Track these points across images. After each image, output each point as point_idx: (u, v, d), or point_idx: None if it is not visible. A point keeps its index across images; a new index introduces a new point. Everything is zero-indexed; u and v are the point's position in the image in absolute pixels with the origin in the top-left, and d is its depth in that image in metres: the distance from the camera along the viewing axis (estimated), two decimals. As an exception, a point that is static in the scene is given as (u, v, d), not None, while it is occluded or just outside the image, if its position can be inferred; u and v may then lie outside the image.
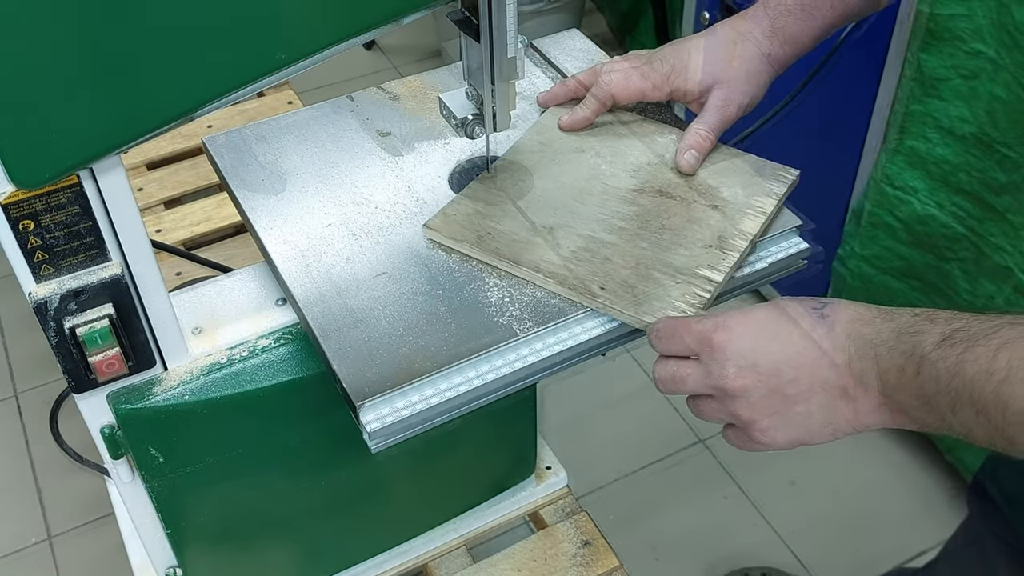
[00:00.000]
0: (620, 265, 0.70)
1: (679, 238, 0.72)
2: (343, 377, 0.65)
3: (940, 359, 0.52)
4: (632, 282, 0.69)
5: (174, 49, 0.55)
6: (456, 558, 0.96)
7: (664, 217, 0.74)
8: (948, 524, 1.45)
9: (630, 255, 0.71)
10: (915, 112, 1.29)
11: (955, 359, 0.51)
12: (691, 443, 1.62)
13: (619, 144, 0.81)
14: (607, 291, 0.68)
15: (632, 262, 0.71)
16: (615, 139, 0.82)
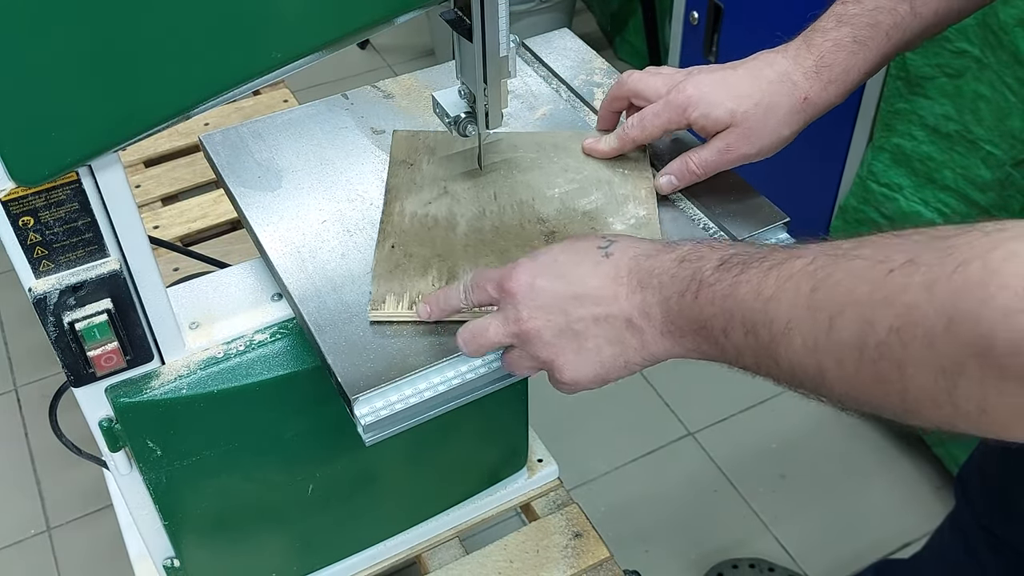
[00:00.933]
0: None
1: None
2: (338, 371, 0.66)
3: (717, 281, 0.53)
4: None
5: (172, 48, 0.55)
6: (449, 549, 0.97)
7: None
8: (934, 516, 1.47)
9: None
10: (901, 110, 1.30)
11: (730, 281, 0.53)
12: (681, 436, 1.63)
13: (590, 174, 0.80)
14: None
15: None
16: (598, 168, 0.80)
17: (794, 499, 1.53)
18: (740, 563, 1.42)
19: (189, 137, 1.36)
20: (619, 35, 2.41)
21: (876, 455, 1.58)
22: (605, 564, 0.93)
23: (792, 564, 1.45)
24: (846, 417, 1.64)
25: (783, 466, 1.58)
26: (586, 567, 0.93)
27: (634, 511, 1.51)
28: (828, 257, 0.49)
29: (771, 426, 1.63)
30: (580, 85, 0.91)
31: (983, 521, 1.05)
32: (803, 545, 1.47)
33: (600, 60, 0.94)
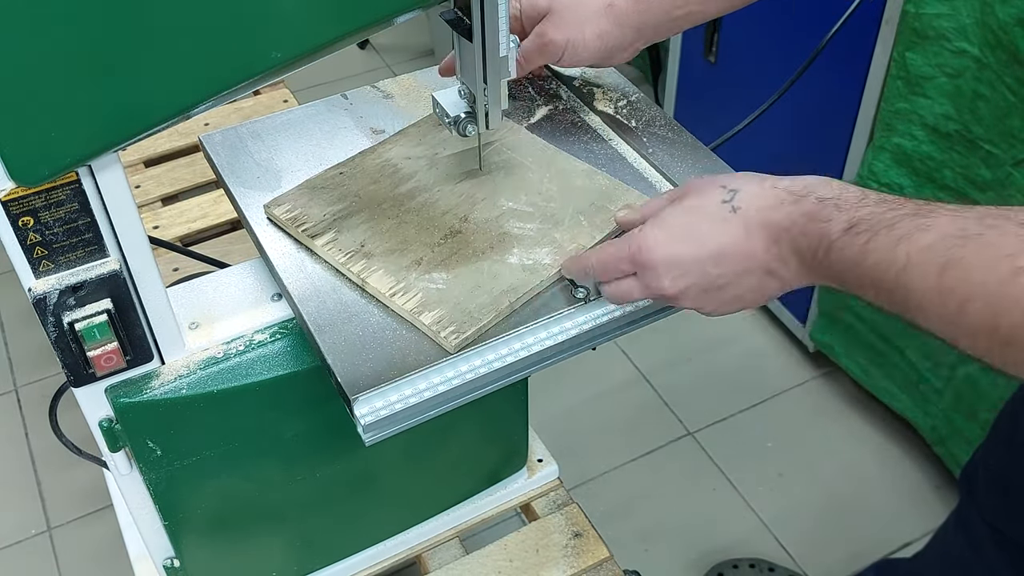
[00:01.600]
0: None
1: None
2: (338, 371, 0.66)
3: (846, 246, 0.56)
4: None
5: (171, 48, 0.55)
6: (449, 549, 0.97)
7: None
8: (934, 516, 1.47)
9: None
10: (901, 110, 1.30)
11: (859, 248, 0.56)
12: (680, 435, 1.64)
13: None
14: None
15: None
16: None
17: (794, 499, 1.53)
18: (740, 563, 1.42)
19: (189, 137, 1.36)
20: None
21: (876, 455, 1.59)
22: (605, 564, 0.93)
23: (792, 564, 1.45)
24: (846, 417, 1.64)
25: (783, 466, 1.58)
26: (586, 567, 0.93)
27: (634, 511, 1.52)
28: (955, 239, 0.51)
29: (770, 426, 1.64)
30: (580, 85, 0.91)
31: (988, 517, 1.05)
32: (803, 545, 1.47)
33: (600, 60, 0.94)
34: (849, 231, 0.57)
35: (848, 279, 0.57)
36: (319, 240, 0.74)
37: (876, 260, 0.54)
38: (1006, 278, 0.48)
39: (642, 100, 0.89)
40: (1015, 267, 0.48)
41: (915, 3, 1.21)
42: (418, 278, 0.72)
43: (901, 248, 0.53)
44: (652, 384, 1.71)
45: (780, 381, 1.70)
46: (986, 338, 0.50)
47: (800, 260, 0.61)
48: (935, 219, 0.54)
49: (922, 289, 0.52)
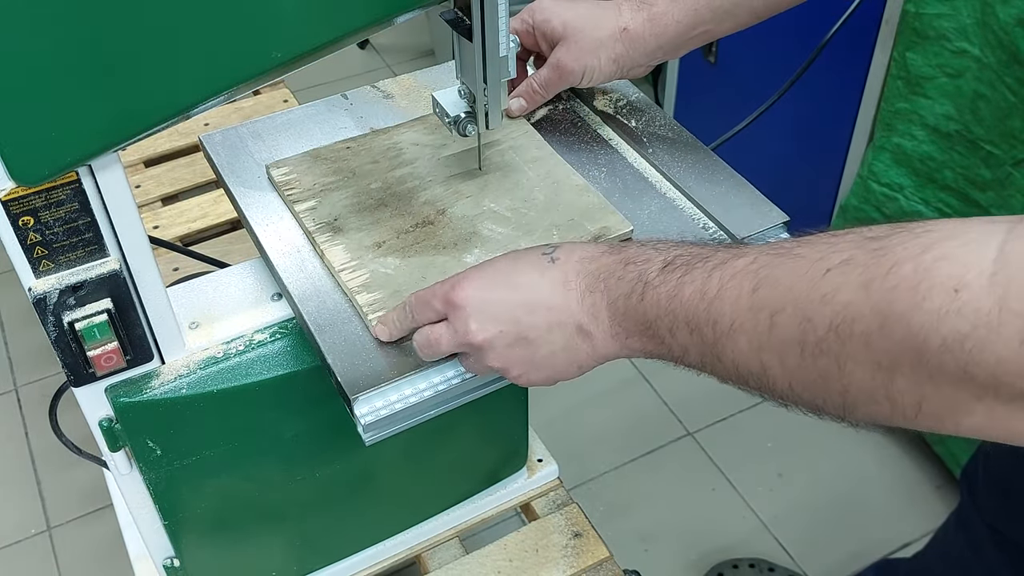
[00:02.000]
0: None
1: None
2: (338, 371, 0.66)
3: (662, 283, 0.55)
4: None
5: (171, 48, 0.55)
6: (449, 549, 0.97)
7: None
8: (934, 516, 1.47)
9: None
10: (901, 110, 1.30)
11: (675, 282, 0.54)
12: (680, 436, 1.64)
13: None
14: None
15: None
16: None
17: (794, 499, 1.53)
18: (740, 563, 1.42)
19: (189, 137, 1.36)
20: (619, 35, 2.40)
21: (876, 455, 1.59)
22: (605, 564, 0.93)
23: (792, 564, 1.45)
24: (846, 417, 1.64)
25: (782, 465, 1.58)
26: (586, 567, 0.93)
27: (634, 511, 1.52)
28: (769, 256, 0.50)
29: (770, 426, 1.64)
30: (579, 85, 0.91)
31: (988, 518, 1.05)
32: (803, 545, 1.47)
33: (600, 60, 0.94)
34: (665, 269, 0.55)
35: (661, 324, 0.55)
36: (298, 206, 0.77)
37: (691, 292, 0.53)
38: (816, 280, 0.46)
39: (642, 100, 0.89)
40: (824, 268, 0.46)
41: (915, 3, 1.21)
42: (373, 259, 0.73)
43: (715, 275, 0.52)
44: (652, 384, 1.71)
45: (780, 381, 1.70)
46: (796, 351, 0.47)
47: (612, 313, 0.58)
48: (750, 248, 0.52)
49: (733, 311, 0.50)
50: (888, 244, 0.44)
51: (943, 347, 0.41)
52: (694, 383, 1.80)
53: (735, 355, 0.51)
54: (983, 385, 0.41)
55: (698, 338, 0.53)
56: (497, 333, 0.60)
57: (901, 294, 0.42)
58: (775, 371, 0.49)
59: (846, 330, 0.45)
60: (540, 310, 0.60)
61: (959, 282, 0.40)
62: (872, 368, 0.44)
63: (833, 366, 0.46)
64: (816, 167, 1.52)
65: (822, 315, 0.46)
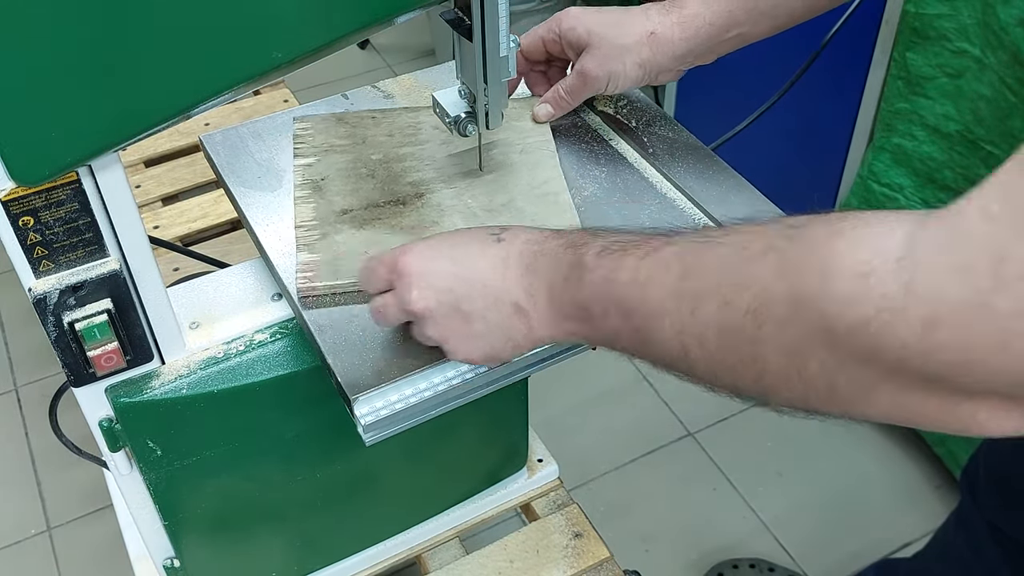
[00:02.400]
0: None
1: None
2: (338, 371, 0.66)
3: (598, 267, 0.55)
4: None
5: (172, 48, 0.55)
6: (449, 549, 0.97)
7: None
8: (934, 516, 1.47)
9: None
10: (901, 110, 1.30)
11: (610, 267, 0.55)
12: (680, 436, 1.64)
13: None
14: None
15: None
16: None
17: (794, 499, 1.53)
18: (740, 563, 1.42)
19: (189, 137, 1.36)
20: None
21: (876, 455, 1.59)
22: (605, 564, 0.93)
23: (792, 564, 1.45)
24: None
25: (782, 465, 1.58)
26: (586, 567, 0.93)
27: (634, 511, 1.52)
28: (697, 244, 0.51)
29: (770, 426, 1.63)
30: (580, 85, 0.91)
31: (989, 516, 1.05)
32: (803, 545, 1.47)
33: (600, 60, 0.94)
34: (602, 253, 0.56)
35: (595, 308, 0.55)
36: (298, 160, 0.80)
37: (624, 277, 0.53)
38: (737, 267, 0.48)
39: (642, 100, 0.89)
40: (748, 256, 0.47)
41: (915, 3, 1.21)
42: (332, 224, 0.74)
43: (646, 262, 0.53)
44: (652, 384, 1.71)
45: (780, 381, 1.70)
46: (714, 335, 0.48)
47: (550, 294, 0.59)
48: (683, 235, 0.53)
49: (660, 297, 0.51)
50: (803, 232, 0.45)
51: (850, 331, 0.42)
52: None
53: (661, 338, 0.52)
54: (889, 368, 0.42)
55: (628, 323, 0.54)
56: (435, 303, 0.61)
57: (811, 279, 0.43)
58: (696, 354, 0.50)
59: (762, 314, 0.46)
60: (477, 285, 0.61)
61: (867, 267, 0.41)
62: (785, 352, 0.45)
63: (749, 350, 0.47)
64: (816, 167, 1.52)
65: (740, 300, 0.47)
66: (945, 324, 0.39)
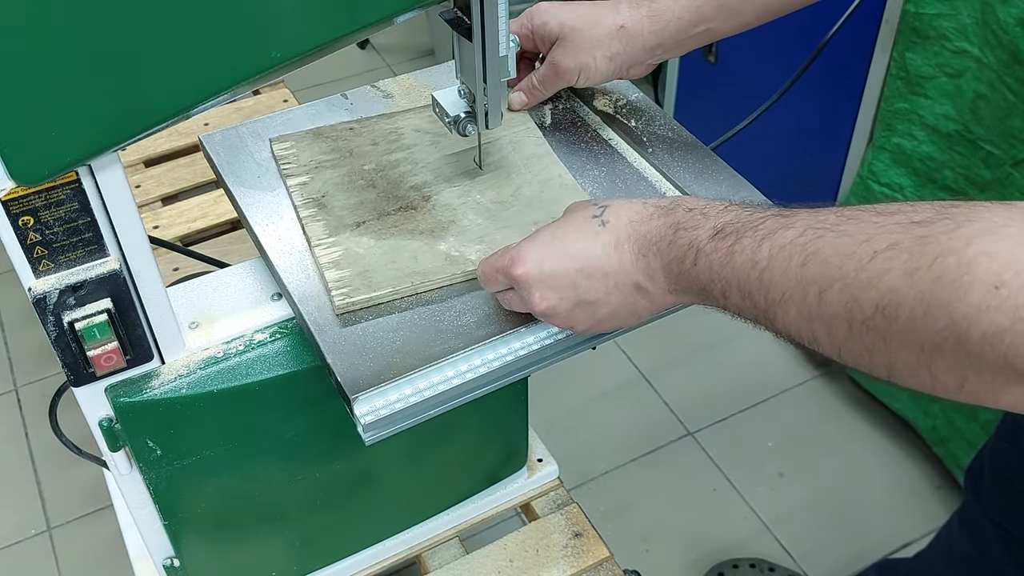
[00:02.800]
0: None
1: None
2: (338, 371, 0.66)
3: (713, 251, 0.57)
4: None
5: (171, 48, 0.55)
6: (449, 549, 0.97)
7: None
8: (934, 516, 1.47)
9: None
10: (901, 110, 1.30)
11: (726, 251, 0.56)
12: (680, 436, 1.64)
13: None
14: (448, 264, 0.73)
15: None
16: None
17: (794, 499, 1.53)
18: (740, 563, 1.42)
19: (189, 137, 1.36)
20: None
21: (876, 455, 1.59)
22: (605, 564, 0.93)
23: (792, 564, 1.45)
24: (846, 417, 1.64)
25: (783, 466, 1.58)
26: (586, 567, 0.93)
27: (634, 511, 1.52)
28: (816, 231, 0.52)
29: (770, 426, 1.64)
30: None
31: (994, 515, 1.05)
32: (803, 545, 1.47)
33: (600, 60, 0.94)
34: (716, 236, 0.57)
35: (715, 288, 0.57)
36: (291, 180, 0.79)
37: (742, 261, 0.55)
38: (863, 263, 0.49)
39: (642, 100, 0.89)
40: (872, 251, 0.48)
41: (915, 3, 1.21)
42: (349, 238, 0.74)
43: (764, 246, 0.54)
44: (652, 384, 1.71)
45: (780, 381, 1.70)
46: (844, 326, 0.50)
47: (667, 274, 0.60)
48: (797, 218, 0.54)
49: (783, 282, 0.53)
50: (932, 232, 0.46)
51: (983, 339, 0.43)
52: (694, 383, 1.80)
53: (786, 322, 0.53)
54: (1022, 373, 0.43)
55: (750, 303, 0.55)
56: (558, 300, 0.64)
57: (944, 286, 0.45)
58: (824, 340, 0.52)
59: (891, 313, 0.47)
60: (597, 275, 0.63)
61: (998, 279, 0.43)
62: (916, 349, 0.47)
63: (879, 343, 0.48)
64: (816, 167, 1.52)
65: (869, 297, 0.48)
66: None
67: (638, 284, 0.62)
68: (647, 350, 1.75)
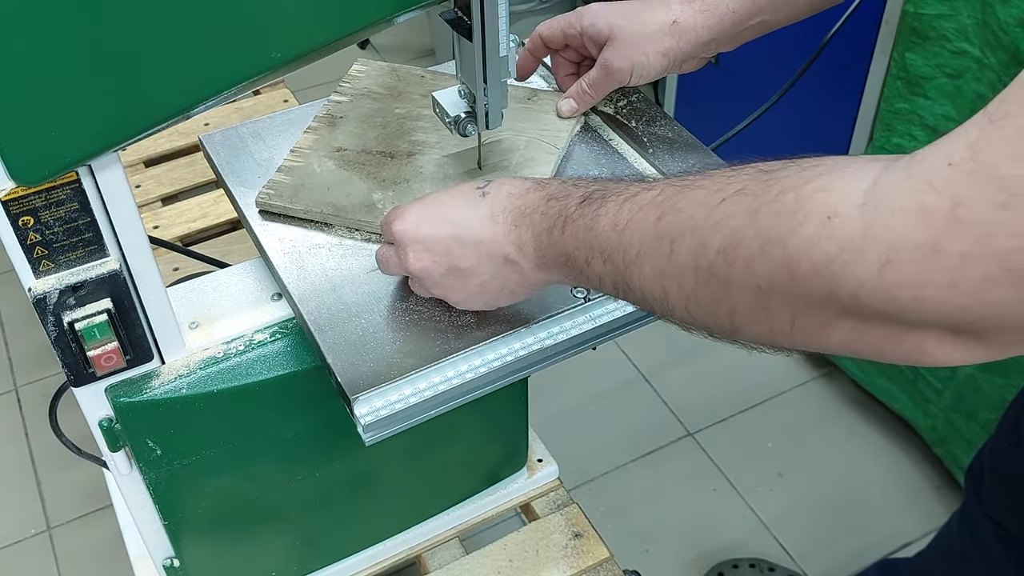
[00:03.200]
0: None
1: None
2: (338, 371, 0.66)
3: (580, 216, 0.58)
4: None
5: (172, 48, 0.55)
6: (449, 549, 0.97)
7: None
8: (934, 516, 1.47)
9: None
10: (901, 110, 1.30)
11: (591, 215, 0.57)
12: (680, 436, 1.64)
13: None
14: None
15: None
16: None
17: (794, 499, 1.53)
18: (740, 563, 1.42)
19: (189, 137, 1.36)
20: (619, 35, 2.40)
21: (876, 455, 1.59)
22: (605, 564, 0.93)
23: (792, 564, 1.45)
24: (846, 417, 1.64)
25: (783, 466, 1.58)
26: (586, 567, 0.93)
27: (634, 511, 1.52)
28: (674, 188, 0.53)
29: (770, 426, 1.64)
30: (580, 85, 0.91)
31: (994, 515, 1.05)
32: (803, 545, 1.47)
33: (600, 60, 0.94)
34: (583, 203, 0.58)
35: (579, 255, 0.58)
36: (333, 96, 0.86)
37: (605, 223, 0.56)
38: (712, 208, 0.50)
39: (642, 100, 0.89)
40: (720, 198, 0.49)
41: (915, 3, 1.21)
42: (321, 156, 0.80)
43: (626, 207, 0.55)
44: (652, 384, 1.71)
45: (780, 381, 1.70)
46: (691, 275, 0.50)
47: (537, 246, 0.61)
48: (661, 181, 0.56)
49: (640, 240, 0.53)
50: (777, 176, 0.48)
51: (812, 270, 0.44)
52: (694, 383, 1.80)
53: (641, 281, 0.54)
54: (846, 305, 0.44)
55: (611, 267, 0.56)
56: (431, 263, 0.65)
57: (782, 220, 0.46)
58: (674, 295, 0.52)
59: (732, 254, 0.48)
60: (470, 243, 0.64)
61: (832, 210, 0.44)
62: (753, 290, 0.48)
63: (721, 288, 0.49)
64: (816, 167, 1.52)
65: (713, 240, 0.49)
66: (900, 264, 0.41)
67: (507, 256, 0.63)
68: (647, 350, 1.75)
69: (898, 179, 0.42)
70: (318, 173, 0.78)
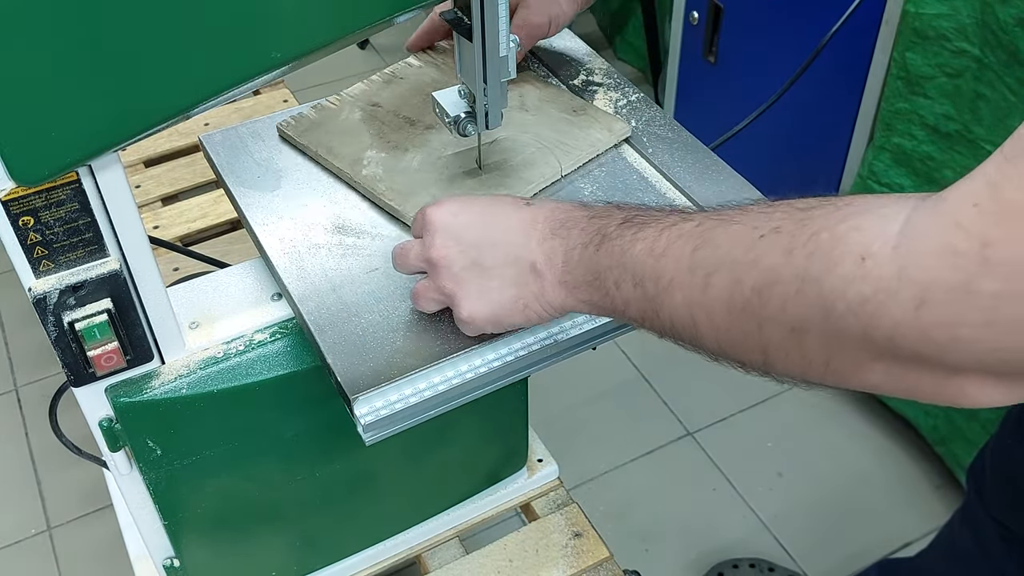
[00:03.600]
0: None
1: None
2: (338, 371, 0.66)
3: (618, 237, 0.58)
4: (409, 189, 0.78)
5: (172, 48, 0.55)
6: (449, 549, 0.97)
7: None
8: (934, 516, 1.47)
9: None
10: (901, 110, 1.30)
11: (629, 237, 0.57)
12: (680, 436, 1.64)
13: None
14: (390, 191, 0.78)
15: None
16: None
17: (794, 499, 1.53)
18: (740, 563, 1.42)
19: (189, 137, 1.36)
20: (619, 35, 2.41)
21: (876, 455, 1.59)
22: (605, 564, 0.93)
23: (792, 564, 1.45)
24: (846, 417, 1.64)
25: (783, 466, 1.58)
26: (586, 567, 0.93)
27: (634, 511, 1.52)
28: (713, 221, 0.54)
29: (770, 425, 1.64)
30: (580, 85, 0.91)
31: (996, 514, 1.05)
32: (803, 545, 1.47)
33: (600, 60, 0.94)
34: (623, 224, 0.59)
35: (609, 276, 0.58)
36: (411, 57, 0.91)
37: (641, 248, 0.56)
38: (749, 246, 0.50)
39: (642, 100, 0.89)
40: (758, 235, 0.50)
41: (915, 3, 1.21)
42: (354, 106, 0.85)
43: (664, 235, 0.55)
44: (652, 384, 1.71)
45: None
46: (724, 310, 0.51)
47: (566, 260, 0.61)
48: (699, 213, 0.56)
49: (675, 268, 0.54)
50: (812, 215, 0.48)
51: (847, 310, 0.44)
52: (694, 383, 1.80)
53: (671, 309, 0.54)
54: (881, 346, 0.44)
55: (640, 291, 0.56)
56: (457, 252, 0.64)
57: (816, 261, 0.46)
58: (704, 327, 0.53)
59: (767, 292, 0.48)
60: (501, 243, 0.63)
61: (866, 251, 0.44)
62: (788, 329, 0.48)
63: (754, 326, 0.50)
64: (816, 167, 1.52)
65: (749, 277, 0.49)
66: (935, 305, 0.41)
67: (535, 264, 0.62)
68: (647, 350, 1.75)
69: (927, 220, 0.42)
70: (341, 119, 0.82)
